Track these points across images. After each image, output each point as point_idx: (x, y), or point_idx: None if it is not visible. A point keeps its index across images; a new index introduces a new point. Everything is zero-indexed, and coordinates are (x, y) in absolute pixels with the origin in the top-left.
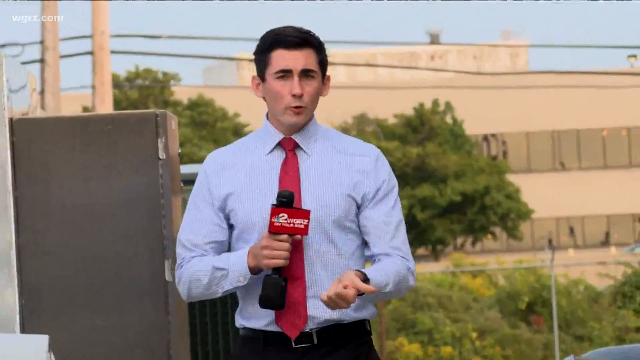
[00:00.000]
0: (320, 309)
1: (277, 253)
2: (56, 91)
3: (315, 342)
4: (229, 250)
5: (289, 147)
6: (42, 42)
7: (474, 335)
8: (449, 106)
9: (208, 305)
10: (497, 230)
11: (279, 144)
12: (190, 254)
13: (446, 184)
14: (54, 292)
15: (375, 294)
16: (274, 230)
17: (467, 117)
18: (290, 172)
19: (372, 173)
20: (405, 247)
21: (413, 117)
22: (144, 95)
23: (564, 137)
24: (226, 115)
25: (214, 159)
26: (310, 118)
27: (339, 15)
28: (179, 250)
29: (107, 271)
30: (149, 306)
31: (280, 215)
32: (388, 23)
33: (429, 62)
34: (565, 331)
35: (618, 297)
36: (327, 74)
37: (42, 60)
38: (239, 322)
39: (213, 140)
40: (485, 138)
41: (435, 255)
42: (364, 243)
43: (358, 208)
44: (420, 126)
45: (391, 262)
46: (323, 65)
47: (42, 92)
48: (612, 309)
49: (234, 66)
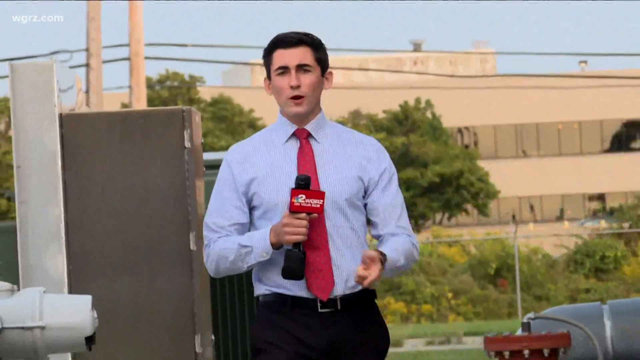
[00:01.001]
0: (340, 277)
1: (297, 230)
2: (99, 91)
3: (339, 307)
4: (249, 230)
5: (302, 136)
6: (87, 50)
7: (450, 295)
8: (429, 103)
9: None
10: (469, 207)
11: (294, 134)
12: (217, 235)
13: (426, 168)
14: (96, 259)
15: (387, 272)
16: (294, 209)
17: (444, 112)
18: (306, 157)
19: (375, 160)
20: (409, 226)
21: (399, 113)
22: (172, 94)
23: (525, 129)
24: (242, 111)
25: (237, 150)
26: (316, 110)
27: (337, 28)
28: (205, 232)
29: (141, 241)
30: (176, 271)
31: (299, 196)
32: (378, 34)
33: (412, 67)
34: (526, 292)
35: (570, 264)
36: (329, 70)
37: (87, 65)
38: (263, 289)
39: (231, 132)
40: (459, 130)
41: (417, 229)
42: (369, 222)
43: (365, 189)
44: (404, 120)
45: (401, 240)
46: (321, 62)
47: (87, 92)
48: (565, 273)
49: (248, 70)
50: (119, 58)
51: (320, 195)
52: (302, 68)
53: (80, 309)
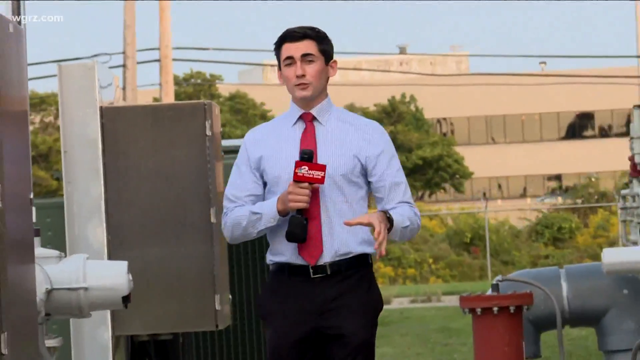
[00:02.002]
0: (331, 245)
1: (300, 197)
2: (134, 87)
3: (329, 272)
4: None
5: (308, 119)
6: (124, 53)
7: (431, 260)
8: (412, 98)
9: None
10: (447, 186)
11: (300, 117)
12: (234, 205)
13: (411, 153)
14: (131, 230)
15: (396, 231)
16: (297, 179)
17: (425, 106)
18: (308, 138)
19: (374, 140)
20: (411, 199)
21: (387, 106)
22: (196, 90)
23: (494, 120)
24: (255, 105)
25: (252, 133)
26: (322, 95)
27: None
28: (225, 202)
29: (169, 215)
30: (198, 240)
31: (302, 167)
32: (370, 40)
33: (399, 67)
34: (495, 258)
35: (532, 234)
36: (333, 59)
37: (124, 66)
38: (269, 258)
39: (246, 123)
40: (438, 121)
41: None
42: (368, 194)
43: (362, 167)
44: (392, 112)
45: (402, 208)
46: (325, 52)
47: (123, 88)
48: (528, 242)
49: (260, 70)
50: (150, 60)
51: (322, 167)
52: (306, 58)
53: (118, 272)
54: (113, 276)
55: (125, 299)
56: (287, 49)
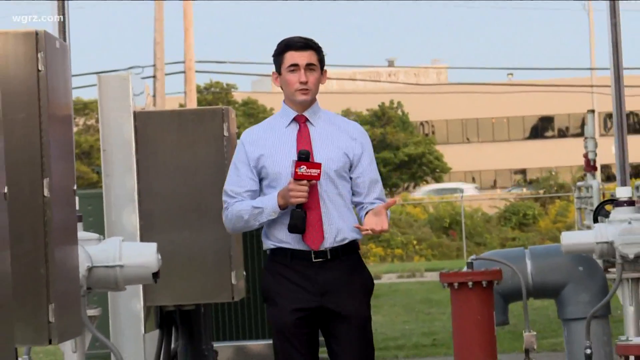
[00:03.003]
0: (330, 232)
1: (300, 194)
2: (162, 95)
3: (329, 257)
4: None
5: (301, 121)
6: (154, 66)
7: (415, 242)
8: (399, 104)
9: None
10: (429, 178)
11: (294, 119)
12: (233, 200)
13: (398, 150)
14: (159, 217)
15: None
16: (297, 177)
17: (410, 110)
18: (304, 138)
19: (359, 140)
20: (384, 195)
21: (378, 111)
22: (215, 98)
23: (469, 123)
24: (265, 110)
25: (249, 133)
26: (314, 100)
27: (333, 48)
28: (224, 197)
29: (192, 204)
30: (217, 225)
31: (302, 167)
32: (363, 54)
33: (387, 78)
34: (469, 240)
35: (501, 219)
36: (325, 69)
37: (154, 77)
38: (269, 244)
39: None
40: (421, 123)
41: (391, 194)
42: (353, 192)
43: (350, 163)
44: (382, 116)
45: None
46: (321, 62)
47: (153, 96)
48: (498, 226)
49: (269, 80)
50: (176, 71)
51: (318, 166)
52: (309, 67)
53: (148, 253)
54: (144, 256)
55: (155, 275)
56: (292, 56)
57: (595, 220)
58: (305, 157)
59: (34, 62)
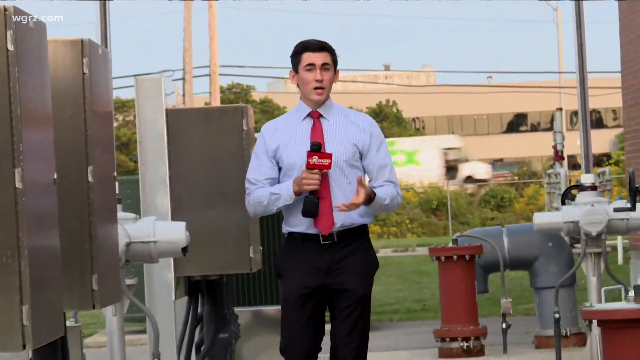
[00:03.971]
0: (338, 218)
1: (312, 182)
2: (190, 95)
3: (336, 239)
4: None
5: (315, 116)
6: (183, 69)
7: (408, 221)
8: (394, 103)
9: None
10: None
11: (309, 114)
12: (254, 187)
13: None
14: (188, 199)
15: (375, 204)
16: (310, 167)
17: (403, 108)
18: (317, 131)
19: (368, 131)
20: (395, 179)
21: (376, 108)
22: (236, 97)
23: (454, 119)
24: (279, 108)
25: (268, 126)
26: (328, 97)
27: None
28: (247, 184)
29: (216, 189)
30: (237, 206)
31: (314, 157)
32: (363, 60)
33: (384, 80)
34: (455, 219)
35: (482, 202)
36: (337, 69)
37: (183, 79)
38: (286, 228)
39: None
40: (413, 119)
41: None
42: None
43: (360, 154)
44: (379, 113)
45: (388, 188)
46: (335, 63)
47: (183, 95)
48: (479, 208)
49: (283, 82)
50: (203, 74)
51: (329, 156)
52: (324, 67)
53: (178, 230)
54: (175, 233)
55: (184, 249)
56: (309, 57)
57: (563, 203)
58: (317, 148)
59: (80, 66)
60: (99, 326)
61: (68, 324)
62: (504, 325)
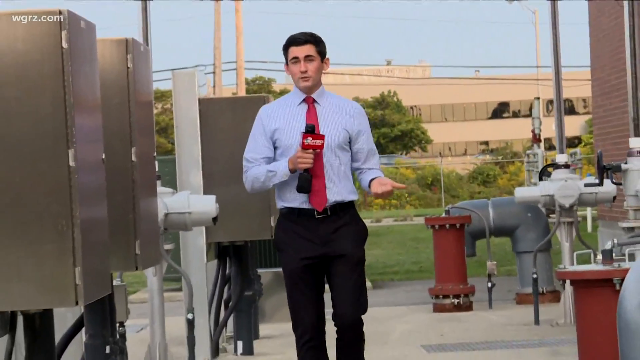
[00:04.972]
0: (330, 195)
1: (306, 160)
2: (220, 86)
3: (329, 213)
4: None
5: (309, 102)
6: (214, 64)
7: (406, 194)
8: (395, 93)
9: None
10: (417, 148)
11: (304, 100)
12: (251, 165)
13: (394, 127)
14: (216, 177)
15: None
16: (304, 147)
17: (403, 98)
18: (312, 115)
19: (357, 117)
20: (379, 164)
21: (379, 98)
22: (259, 88)
23: (446, 107)
24: None
25: (266, 109)
26: (318, 84)
27: (346, 52)
28: (244, 163)
29: (236, 168)
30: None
31: (308, 138)
32: (367, 55)
33: (386, 73)
34: (447, 193)
35: (470, 178)
36: (327, 58)
37: (213, 72)
38: (281, 204)
39: None
40: (411, 107)
41: (389, 159)
42: (353, 159)
43: (350, 137)
44: (382, 102)
45: (377, 172)
46: (321, 53)
47: (213, 87)
48: (468, 183)
49: None
50: (230, 69)
51: (322, 137)
52: (307, 58)
53: (209, 203)
54: (206, 205)
55: (214, 219)
56: (293, 51)
57: (540, 179)
58: (311, 129)
59: (125, 61)
60: (141, 285)
61: (115, 283)
62: (489, 284)
